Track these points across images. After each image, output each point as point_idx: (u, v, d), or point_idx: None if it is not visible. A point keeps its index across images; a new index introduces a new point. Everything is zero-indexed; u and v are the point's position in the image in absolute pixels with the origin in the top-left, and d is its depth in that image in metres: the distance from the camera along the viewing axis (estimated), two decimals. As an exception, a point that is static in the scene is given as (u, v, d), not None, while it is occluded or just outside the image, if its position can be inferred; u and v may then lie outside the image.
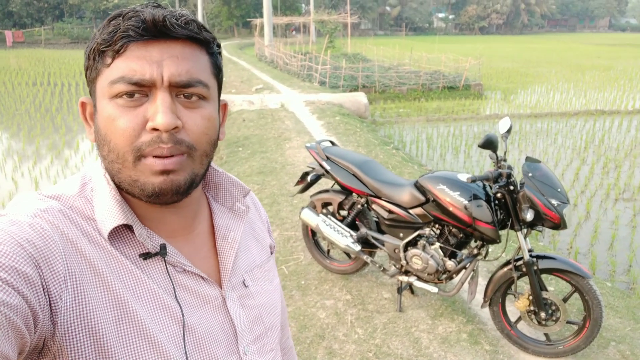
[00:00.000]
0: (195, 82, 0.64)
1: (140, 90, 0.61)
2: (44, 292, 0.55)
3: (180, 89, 0.63)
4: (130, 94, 0.61)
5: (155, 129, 0.61)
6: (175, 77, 0.62)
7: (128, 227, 0.66)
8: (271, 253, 0.89)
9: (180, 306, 0.66)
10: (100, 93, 0.63)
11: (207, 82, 0.66)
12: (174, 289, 0.67)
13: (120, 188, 0.66)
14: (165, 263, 0.67)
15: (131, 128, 0.61)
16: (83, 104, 0.69)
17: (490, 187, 2.62)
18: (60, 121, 10.60)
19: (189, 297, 0.68)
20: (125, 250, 0.65)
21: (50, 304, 0.56)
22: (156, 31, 0.61)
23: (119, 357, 0.60)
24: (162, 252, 0.67)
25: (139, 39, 0.61)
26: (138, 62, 0.61)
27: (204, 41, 0.66)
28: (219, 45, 0.70)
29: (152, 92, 0.62)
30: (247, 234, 0.83)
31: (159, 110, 0.60)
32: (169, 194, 0.64)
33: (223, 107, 0.76)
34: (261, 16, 29.30)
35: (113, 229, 0.64)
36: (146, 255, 0.66)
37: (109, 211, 0.64)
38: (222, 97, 0.73)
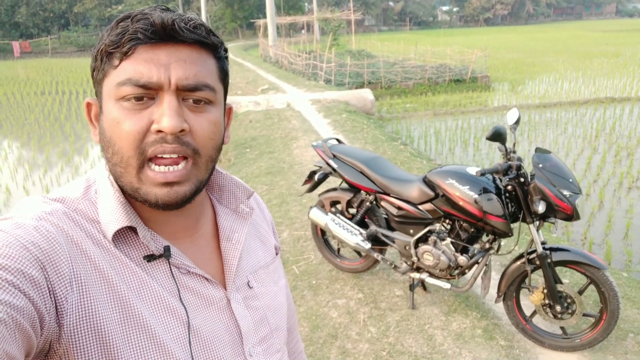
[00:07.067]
0: (203, 85, 0.64)
1: (147, 93, 0.61)
2: (49, 294, 0.55)
3: (187, 93, 0.63)
4: (137, 98, 0.61)
5: (160, 131, 0.61)
6: (183, 80, 0.62)
7: (132, 229, 0.67)
8: (276, 254, 0.89)
9: (185, 308, 0.67)
10: (106, 94, 0.63)
11: (214, 86, 0.66)
12: (179, 291, 0.67)
13: (123, 191, 0.66)
14: (170, 265, 0.68)
15: (136, 131, 0.61)
16: (88, 105, 0.69)
17: (500, 180, 2.59)
18: (69, 129, 10.70)
19: (193, 298, 0.68)
20: (130, 252, 0.66)
21: (56, 306, 0.56)
22: (165, 34, 0.61)
23: (125, 358, 0.60)
24: (166, 254, 0.67)
25: (147, 41, 0.61)
26: (145, 64, 0.61)
27: (211, 45, 0.66)
28: (226, 50, 0.70)
29: (159, 95, 0.62)
30: (251, 235, 0.83)
31: (165, 114, 0.61)
32: (173, 205, 0.64)
33: (228, 111, 0.76)
34: (264, 17, 29.31)
35: (117, 231, 0.65)
36: (150, 258, 0.66)
37: (113, 213, 0.65)
38: (228, 99, 0.74)
